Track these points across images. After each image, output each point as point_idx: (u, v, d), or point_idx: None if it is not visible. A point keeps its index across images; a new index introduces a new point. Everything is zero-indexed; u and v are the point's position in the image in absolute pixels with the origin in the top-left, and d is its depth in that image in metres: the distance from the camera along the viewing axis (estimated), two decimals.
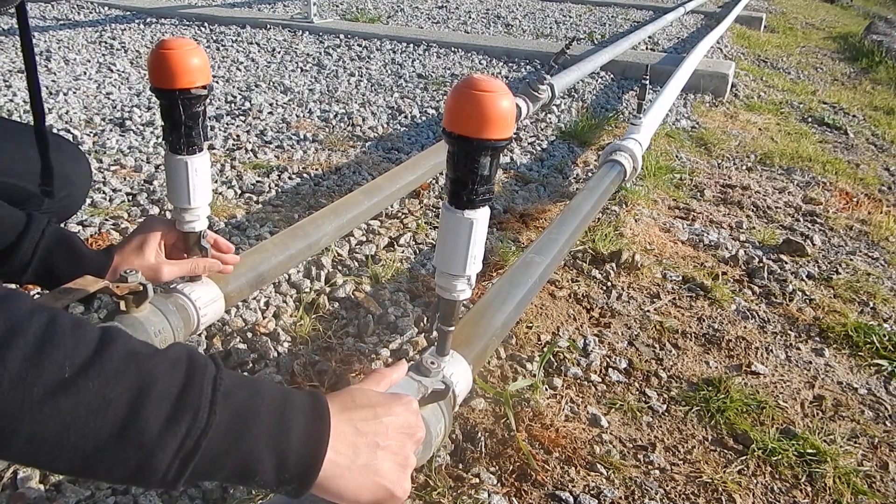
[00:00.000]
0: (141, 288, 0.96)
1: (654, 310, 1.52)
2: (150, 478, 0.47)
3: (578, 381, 1.27)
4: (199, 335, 1.25)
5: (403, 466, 0.62)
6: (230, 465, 0.51)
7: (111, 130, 2.40)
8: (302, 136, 2.47)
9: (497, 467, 1.04)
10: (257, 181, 2.03)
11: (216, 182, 1.99)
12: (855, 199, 2.39)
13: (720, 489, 1.04)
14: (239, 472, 0.51)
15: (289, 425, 0.54)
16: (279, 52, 3.90)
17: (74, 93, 2.81)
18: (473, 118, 0.68)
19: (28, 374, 0.43)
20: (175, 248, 1.02)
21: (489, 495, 0.97)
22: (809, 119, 3.47)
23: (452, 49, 4.23)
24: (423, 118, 2.83)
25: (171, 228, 1.00)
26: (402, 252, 1.69)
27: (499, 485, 1.01)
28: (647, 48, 4.84)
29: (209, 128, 2.46)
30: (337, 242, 1.66)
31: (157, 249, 0.98)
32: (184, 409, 0.48)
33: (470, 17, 5.88)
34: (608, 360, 1.33)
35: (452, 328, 0.85)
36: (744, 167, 2.60)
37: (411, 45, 4.27)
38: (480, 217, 0.75)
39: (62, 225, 1.06)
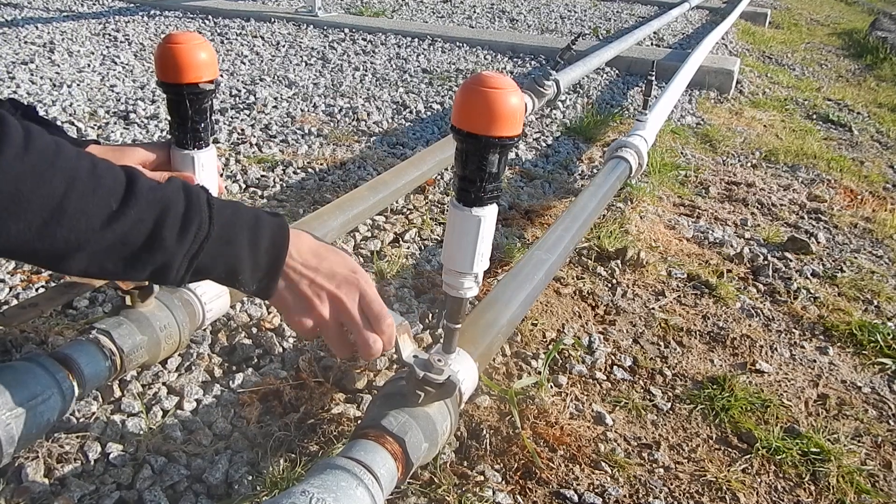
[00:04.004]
0: (147, 283, 0.96)
1: (659, 307, 1.52)
2: (167, 274, 0.65)
3: (583, 378, 1.27)
4: (205, 330, 1.25)
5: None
6: (222, 265, 0.68)
7: (115, 123, 2.40)
8: (307, 131, 2.47)
9: (502, 465, 1.04)
10: (262, 175, 2.03)
11: (221, 176, 1.99)
12: (859, 197, 2.38)
13: (724, 488, 1.04)
14: (228, 272, 0.69)
15: (260, 236, 0.70)
16: (284, 46, 3.89)
17: (78, 85, 2.81)
18: (483, 115, 0.68)
19: (88, 207, 0.58)
20: (157, 171, 0.98)
21: (494, 493, 0.98)
22: (814, 116, 3.46)
23: (457, 44, 4.22)
24: (428, 113, 2.82)
25: (155, 152, 0.96)
26: (408, 248, 1.69)
27: (503, 482, 1.01)
28: (652, 44, 4.83)
29: (215, 122, 2.46)
30: (342, 238, 1.66)
31: (135, 159, 0.94)
32: (191, 222, 0.65)
33: (475, 12, 5.86)
34: (613, 357, 1.33)
35: (459, 325, 0.85)
36: (749, 164, 2.59)
37: (416, 40, 4.26)
38: (488, 214, 0.75)
39: None
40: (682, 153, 2.60)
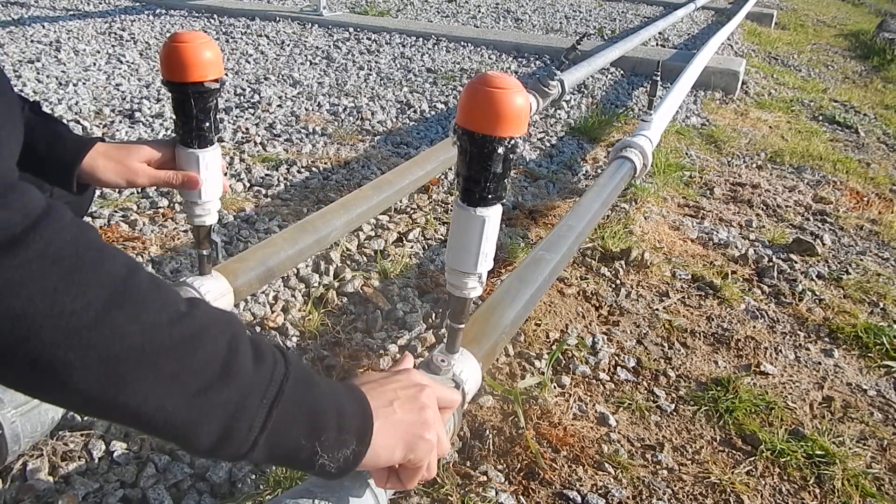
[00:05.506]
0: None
1: (663, 308, 1.52)
2: (241, 420, 0.49)
3: (587, 379, 1.26)
4: None
5: (422, 410, 0.65)
6: (302, 420, 0.53)
7: (120, 122, 2.40)
8: (311, 130, 2.47)
9: (505, 465, 1.04)
10: (266, 174, 2.03)
11: (225, 175, 1.99)
12: (865, 199, 2.37)
13: (728, 490, 1.04)
14: (309, 428, 0.54)
15: (339, 391, 0.59)
16: (288, 45, 3.89)
17: (84, 84, 2.82)
18: (487, 115, 0.67)
19: (151, 296, 0.47)
20: (161, 169, 0.97)
21: (497, 493, 0.97)
22: (820, 117, 3.45)
23: (462, 43, 4.22)
24: (433, 113, 2.82)
25: (161, 150, 0.96)
26: (411, 247, 1.69)
27: (506, 483, 1.00)
28: (657, 44, 4.82)
29: (220, 120, 2.46)
30: (346, 237, 1.66)
31: (141, 157, 0.93)
32: (264, 356, 0.52)
33: (479, 12, 5.86)
34: (617, 358, 1.33)
35: (462, 325, 0.85)
36: (754, 165, 2.58)
37: (421, 39, 4.26)
38: (493, 215, 0.75)
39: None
40: (686, 154, 2.60)
